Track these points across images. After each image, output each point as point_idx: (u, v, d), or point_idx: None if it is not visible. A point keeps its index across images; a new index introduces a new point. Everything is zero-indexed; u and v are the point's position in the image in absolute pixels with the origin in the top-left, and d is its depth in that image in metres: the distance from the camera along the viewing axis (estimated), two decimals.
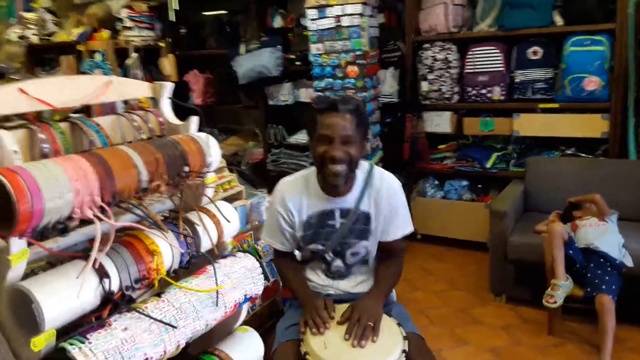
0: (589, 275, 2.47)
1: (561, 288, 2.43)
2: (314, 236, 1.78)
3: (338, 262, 1.82)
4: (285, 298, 2.32)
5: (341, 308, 1.69)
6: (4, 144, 1.12)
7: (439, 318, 2.94)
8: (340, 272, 1.84)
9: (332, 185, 1.70)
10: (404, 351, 1.52)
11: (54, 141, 1.21)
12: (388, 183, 1.80)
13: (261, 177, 4.53)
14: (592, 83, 3.18)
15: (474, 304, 3.07)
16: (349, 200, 1.76)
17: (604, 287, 2.37)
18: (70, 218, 1.12)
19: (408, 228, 1.83)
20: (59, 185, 1.06)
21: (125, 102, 2.14)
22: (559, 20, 3.33)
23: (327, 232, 1.77)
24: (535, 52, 3.43)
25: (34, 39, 4.00)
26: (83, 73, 3.13)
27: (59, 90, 1.25)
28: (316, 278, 1.87)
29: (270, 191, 2.11)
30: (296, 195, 1.78)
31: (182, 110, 1.63)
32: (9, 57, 3.35)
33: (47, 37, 4.08)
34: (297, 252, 1.94)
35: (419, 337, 1.66)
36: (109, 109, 2.72)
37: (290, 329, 1.69)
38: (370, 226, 1.78)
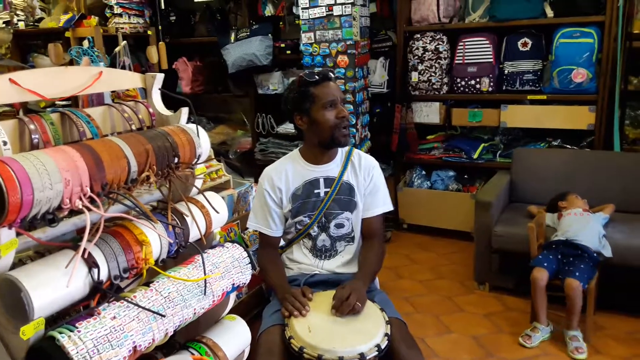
0: (565, 262, 2.54)
1: (540, 332, 2.54)
2: (301, 207, 1.89)
3: (323, 237, 1.91)
4: None
5: (321, 295, 1.74)
6: None
7: (423, 306, 2.99)
8: (326, 248, 1.92)
9: (342, 144, 1.86)
10: (386, 334, 1.56)
11: (44, 132, 1.22)
12: (366, 160, 1.97)
13: (248, 166, 4.54)
14: (580, 75, 3.21)
15: (458, 293, 3.13)
16: (331, 169, 1.91)
17: (577, 273, 2.45)
18: (59, 208, 1.13)
19: (388, 206, 1.97)
20: (49, 176, 1.06)
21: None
22: (549, 11, 3.36)
23: (313, 202, 1.89)
24: (524, 43, 3.46)
25: (21, 25, 3.94)
26: (70, 60, 3.09)
27: (50, 81, 1.25)
28: (303, 258, 1.94)
29: (257, 180, 2.19)
30: (282, 171, 1.92)
31: (171, 99, 1.64)
32: None
33: (35, 24, 4.02)
34: (282, 242, 2.01)
35: (401, 322, 1.72)
36: (96, 99, 2.70)
37: (275, 314, 1.74)
38: (354, 198, 1.90)
